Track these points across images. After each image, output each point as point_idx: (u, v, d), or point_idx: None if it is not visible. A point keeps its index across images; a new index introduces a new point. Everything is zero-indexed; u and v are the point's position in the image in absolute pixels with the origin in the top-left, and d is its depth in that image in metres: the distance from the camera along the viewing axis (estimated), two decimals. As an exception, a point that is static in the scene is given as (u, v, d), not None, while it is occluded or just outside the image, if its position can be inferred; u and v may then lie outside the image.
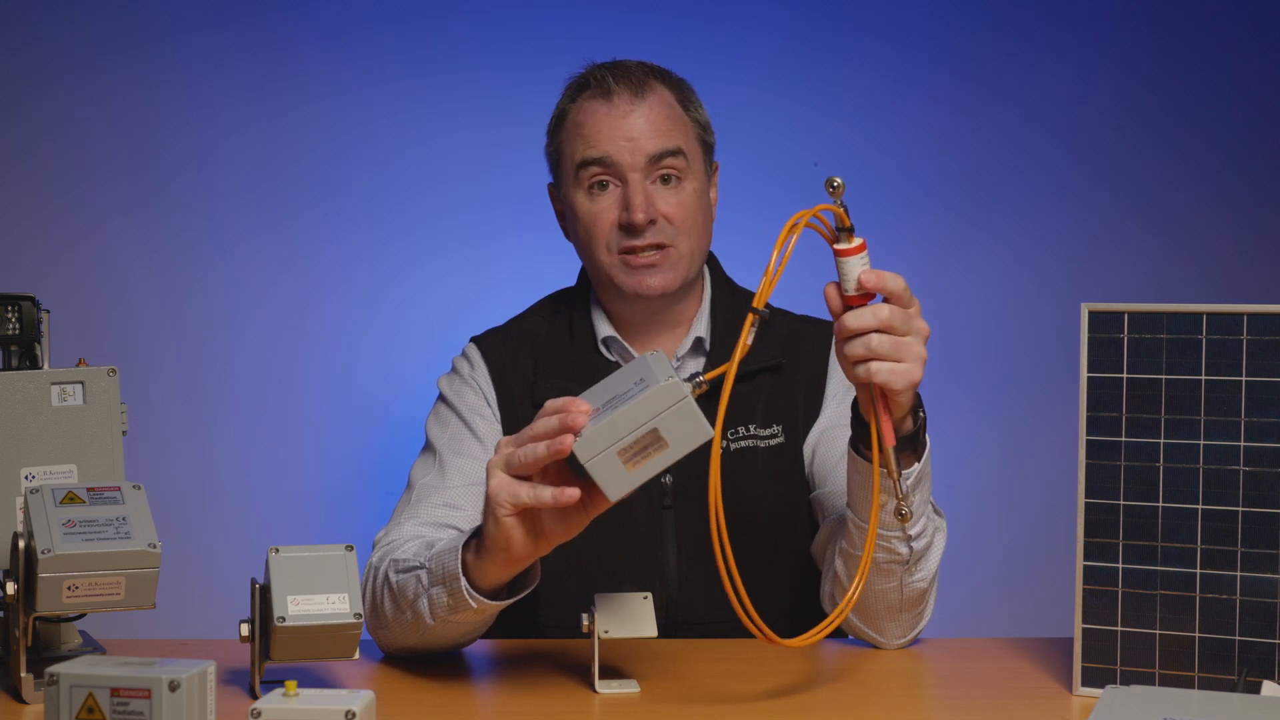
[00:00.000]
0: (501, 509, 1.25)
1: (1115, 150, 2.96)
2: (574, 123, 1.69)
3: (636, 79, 1.67)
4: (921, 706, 1.38)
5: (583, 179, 1.67)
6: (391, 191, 2.83)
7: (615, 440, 1.18)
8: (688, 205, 1.67)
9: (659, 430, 1.18)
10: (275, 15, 2.79)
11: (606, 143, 1.65)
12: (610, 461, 1.18)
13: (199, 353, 2.78)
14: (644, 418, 1.17)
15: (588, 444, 1.18)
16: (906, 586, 1.48)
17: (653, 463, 1.19)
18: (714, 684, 1.39)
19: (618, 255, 1.66)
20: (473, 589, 1.34)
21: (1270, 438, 1.26)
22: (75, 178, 2.74)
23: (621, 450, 1.18)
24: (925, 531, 1.46)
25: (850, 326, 1.30)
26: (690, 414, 1.18)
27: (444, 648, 1.49)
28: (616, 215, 1.65)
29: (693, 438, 1.19)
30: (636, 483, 1.19)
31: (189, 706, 1.06)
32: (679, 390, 1.17)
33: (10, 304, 1.40)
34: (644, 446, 1.18)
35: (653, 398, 1.17)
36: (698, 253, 1.70)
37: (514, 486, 1.24)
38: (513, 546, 1.27)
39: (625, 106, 1.66)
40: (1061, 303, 2.76)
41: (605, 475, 1.19)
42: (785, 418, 1.70)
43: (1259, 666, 1.27)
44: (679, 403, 1.17)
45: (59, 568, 1.22)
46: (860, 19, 2.92)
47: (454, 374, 1.77)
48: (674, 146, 1.66)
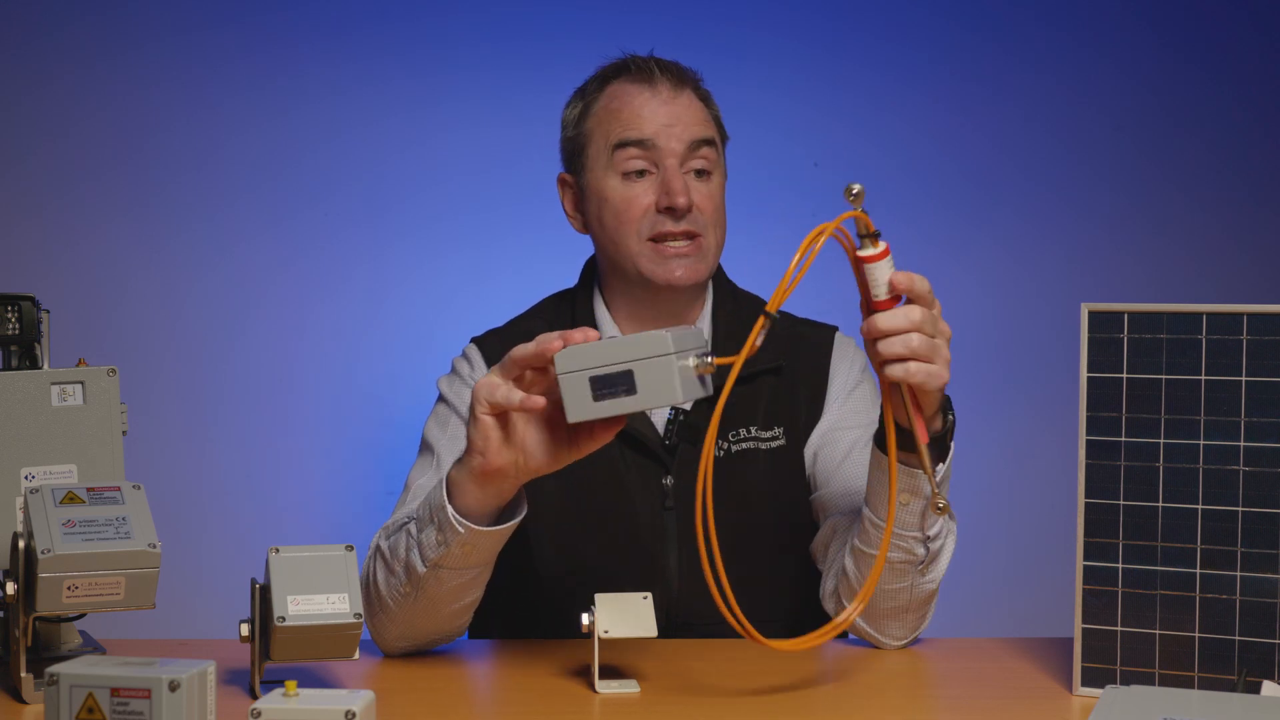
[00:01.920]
0: (479, 405, 1.30)
1: (1115, 150, 2.96)
2: (608, 108, 1.69)
3: (676, 71, 1.70)
4: (921, 706, 1.38)
5: (619, 160, 1.67)
6: (391, 191, 2.83)
7: (593, 364, 1.21)
8: (715, 199, 1.68)
9: (633, 373, 1.20)
10: (275, 15, 2.79)
11: (648, 125, 1.66)
12: (580, 383, 1.22)
13: (199, 353, 2.78)
14: (626, 356, 1.21)
15: (569, 357, 1.23)
16: (917, 587, 1.48)
17: (617, 403, 1.22)
18: (714, 684, 1.39)
19: (648, 243, 1.66)
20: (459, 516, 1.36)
21: (1270, 438, 1.26)
22: (75, 178, 2.74)
23: (594, 378, 1.21)
24: (941, 533, 1.47)
25: (884, 328, 1.29)
26: (667, 370, 1.19)
27: (439, 623, 1.48)
28: (652, 200, 1.66)
29: (661, 396, 1.21)
30: (596, 415, 1.23)
31: (189, 706, 1.06)
32: (665, 344, 1.19)
33: (10, 304, 1.40)
34: (615, 383, 1.21)
35: (641, 341, 1.20)
36: (719, 249, 1.71)
37: (494, 384, 1.29)
38: (489, 450, 1.30)
39: (668, 93, 1.67)
40: (1061, 303, 2.76)
41: (571, 395, 1.23)
42: (786, 420, 1.70)
43: (1259, 666, 1.27)
44: (661, 356, 1.19)
45: (59, 568, 1.22)
46: (860, 19, 2.92)
47: (454, 375, 1.77)
48: (710, 136, 1.68)
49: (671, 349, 1.19)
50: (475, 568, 1.42)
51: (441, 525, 1.37)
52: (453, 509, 1.36)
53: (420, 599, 1.43)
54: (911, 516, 1.43)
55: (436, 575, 1.41)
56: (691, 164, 1.67)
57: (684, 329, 1.26)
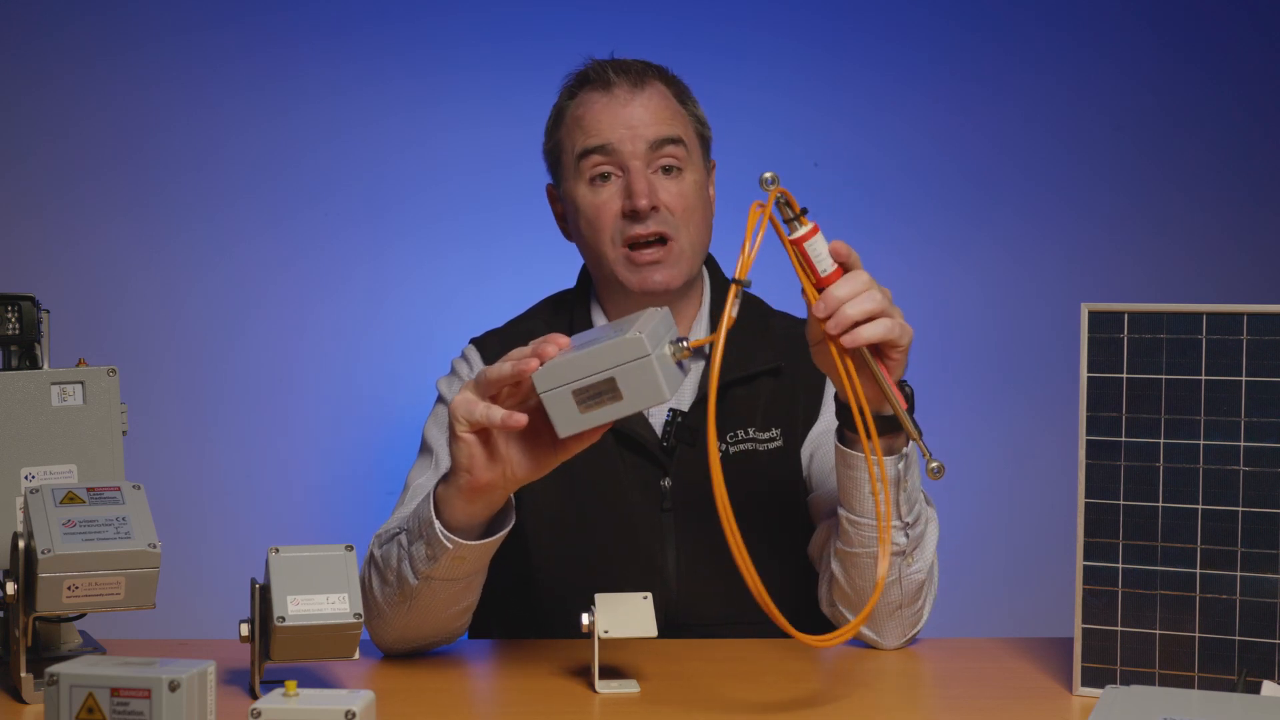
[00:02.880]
0: (459, 424, 1.29)
1: (1115, 150, 2.96)
2: (573, 116, 1.69)
3: (635, 72, 1.69)
4: (921, 706, 1.38)
5: (584, 169, 1.67)
6: (391, 191, 2.83)
7: (573, 379, 1.20)
8: (688, 196, 1.67)
9: (616, 380, 1.20)
10: (275, 15, 2.79)
11: (608, 130, 1.65)
12: (564, 398, 1.21)
13: (199, 353, 2.78)
14: (604, 365, 1.20)
15: (547, 375, 1.21)
16: (906, 579, 1.48)
17: (605, 410, 1.21)
18: (714, 684, 1.39)
19: (622, 250, 1.66)
20: (447, 530, 1.35)
21: (1270, 438, 1.26)
22: (75, 178, 2.74)
23: (577, 391, 1.20)
24: (921, 518, 1.48)
25: (844, 294, 1.30)
26: (648, 372, 1.19)
27: (436, 627, 1.48)
28: (619, 205, 1.65)
29: (648, 396, 1.20)
30: (587, 425, 1.22)
31: (189, 706, 1.06)
32: (641, 347, 1.19)
33: (10, 304, 1.40)
34: (599, 393, 1.20)
35: (616, 347, 1.19)
36: (699, 247, 1.70)
37: (472, 403, 1.28)
38: (474, 468, 1.30)
39: (625, 96, 1.67)
40: (1061, 303, 2.76)
41: (558, 410, 1.22)
42: (784, 421, 1.70)
43: (1259, 666, 1.27)
44: (639, 359, 1.19)
45: (59, 568, 1.22)
46: (860, 19, 2.92)
47: (453, 375, 1.77)
48: (674, 134, 1.67)
49: (649, 350, 1.19)
50: (467, 576, 1.42)
51: (430, 540, 1.37)
52: (440, 524, 1.36)
53: (415, 607, 1.44)
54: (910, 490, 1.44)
55: (429, 586, 1.41)
56: (658, 162, 1.66)
57: (653, 317, 1.25)
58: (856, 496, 1.44)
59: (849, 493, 1.45)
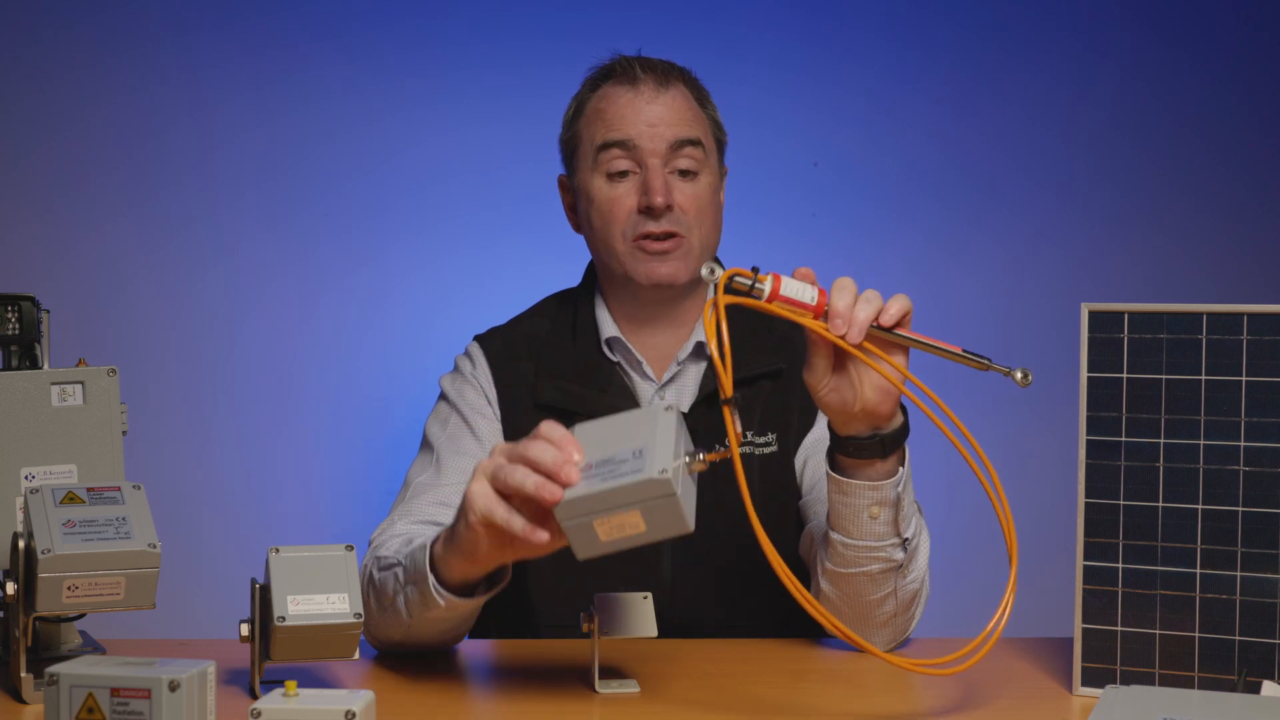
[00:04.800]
0: (474, 515, 1.25)
1: (1115, 150, 2.96)
2: (596, 109, 1.70)
3: (661, 71, 1.70)
4: (921, 706, 1.37)
5: (602, 162, 1.67)
6: (391, 191, 2.83)
7: (596, 510, 1.19)
8: (702, 198, 1.68)
9: (640, 514, 1.19)
10: (275, 16, 2.79)
11: (630, 126, 1.66)
12: (586, 527, 1.20)
13: (199, 353, 2.78)
14: (628, 500, 1.18)
15: (569, 507, 1.19)
16: (901, 590, 1.48)
17: (626, 539, 1.20)
18: (714, 684, 1.39)
19: (632, 242, 1.66)
20: (441, 585, 1.34)
21: (1270, 438, 1.26)
22: (75, 178, 2.74)
23: (599, 521, 1.19)
24: (915, 529, 1.47)
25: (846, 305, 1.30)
26: (673, 508, 1.18)
27: (431, 645, 1.49)
28: (635, 201, 1.66)
29: (671, 528, 1.19)
30: (606, 551, 1.21)
31: (189, 706, 1.06)
32: (667, 486, 1.17)
33: (10, 304, 1.39)
34: (622, 523, 1.19)
35: (642, 485, 1.17)
36: (708, 248, 1.71)
37: (492, 502, 1.23)
38: (479, 552, 1.28)
39: (650, 94, 1.68)
40: (1061, 303, 2.75)
41: (578, 538, 1.20)
42: (780, 426, 1.70)
43: (1259, 666, 1.27)
44: (664, 497, 1.18)
45: (59, 568, 1.22)
46: (860, 19, 2.92)
47: (456, 373, 1.77)
48: (694, 136, 1.68)
49: (676, 490, 1.17)
50: (461, 617, 1.42)
51: (424, 592, 1.36)
52: (434, 580, 1.34)
53: (411, 632, 1.44)
54: (884, 527, 1.43)
55: (424, 618, 1.40)
56: (675, 164, 1.67)
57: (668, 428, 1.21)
58: (854, 522, 1.43)
59: (843, 518, 1.44)
